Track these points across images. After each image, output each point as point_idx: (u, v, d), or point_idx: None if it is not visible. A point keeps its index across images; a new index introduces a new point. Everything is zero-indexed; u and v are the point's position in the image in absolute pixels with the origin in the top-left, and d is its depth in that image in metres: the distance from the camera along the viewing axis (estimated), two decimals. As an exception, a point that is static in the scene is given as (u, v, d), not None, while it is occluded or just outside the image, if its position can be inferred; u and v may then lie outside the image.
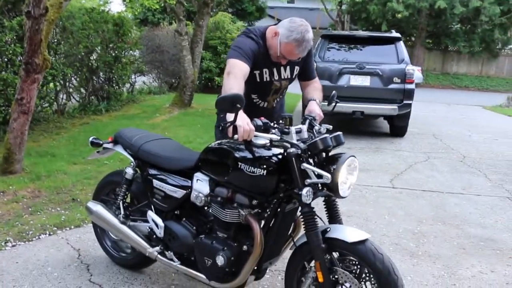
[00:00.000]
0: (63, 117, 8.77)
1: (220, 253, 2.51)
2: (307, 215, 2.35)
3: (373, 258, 2.25)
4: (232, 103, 2.19)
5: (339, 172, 2.25)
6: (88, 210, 3.30)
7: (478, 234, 4.39)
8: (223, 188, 2.56)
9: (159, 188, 2.89)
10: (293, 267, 2.53)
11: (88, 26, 8.97)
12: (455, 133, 10.10)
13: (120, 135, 3.23)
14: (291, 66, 2.93)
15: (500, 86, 26.41)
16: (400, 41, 8.81)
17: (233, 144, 2.50)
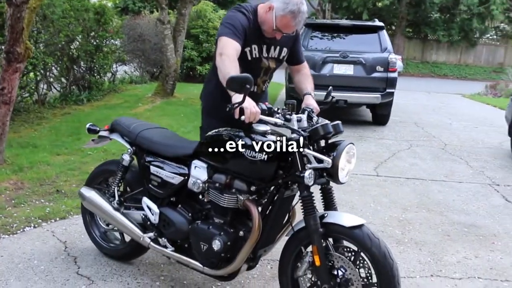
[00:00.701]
0: (44, 107, 8.61)
1: (217, 237, 2.53)
2: (306, 199, 2.39)
3: (370, 242, 2.29)
4: (242, 84, 2.23)
5: (339, 158, 2.30)
6: (81, 195, 3.28)
7: (461, 220, 4.46)
8: (222, 174, 2.59)
9: (156, 174, 2.90)
10: (289, 252, 2.55)
11: (69, 14, 8.79)
12: (436, 121, 10.22)
13: (118, 122, 3.24)
14: (280, 46, 2.93)
15: (478, 75, 26.81)
16: (383, 30, 8.86)
17: (233, 131, 2.55)
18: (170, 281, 3.12)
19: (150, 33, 13.69)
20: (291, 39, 2.97)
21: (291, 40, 2.97)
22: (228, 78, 2.27)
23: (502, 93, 15.97)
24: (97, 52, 10.08)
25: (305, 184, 2.34)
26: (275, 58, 2.98)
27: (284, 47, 2.97)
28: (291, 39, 2.97)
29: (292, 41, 2.98)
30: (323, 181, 2.44)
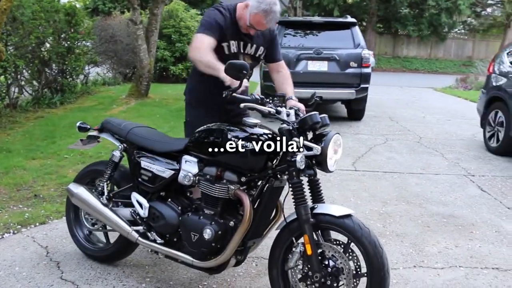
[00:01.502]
0: (16, 111, 8.46)
1: (208, 227, 2.59)
2: (297, 186, 2.45)
3: (360, 231, 2.34)
4: (239, 70, 2.40)
5: (327, 145, 2.40)
6: (69, 192, 3.26)
7: (440, 211, 4.54)
8: (212, 167, 2.66)
9: (147, 169, 2.93)
10: (280, 244, 2.59)
11: (39, 16, 8.63)
12: (410, 115, 10.38)
13: (108, 121, 3.28)
14: (257, 45, 3.09)
15: (448, 68, 27.30)
16: (355, 26, 8.93)
17: (225, 125, 2.66)
18: (156, 282, 3.10)
19: (122, 34, 13.55)
20: (268, 39, 3.14)
21: (268, 40, 3.14)
22: (226, 65, 2.41)
23: (472, 86, 16.31)
24: (69, 54, 9.92)
25: (297, 169, 2.42)
26: (251, 55, 3.12)
27: (261, 46, 3.12)
28: (268, 39, 3.14)
29: (269, 41, 3.15)
30: (311, 173, 2.49)
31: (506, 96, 6.77)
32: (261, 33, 3.06)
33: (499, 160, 6.54)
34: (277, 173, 2.56)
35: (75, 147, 3.46)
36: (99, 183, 3.22)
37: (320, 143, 2.42)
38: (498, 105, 7.02)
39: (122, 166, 3.22)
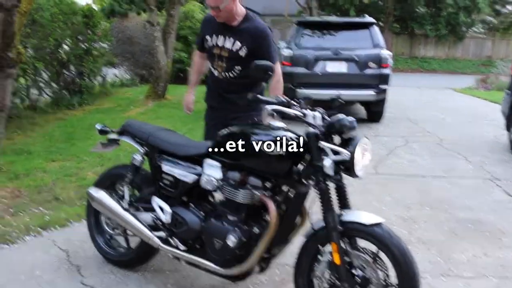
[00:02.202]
0: (36, 113, 8.50)
1: (232, 233, 2.53)
2: (324, 192, 2.39)
3: (391, 240, 2.27)
4: (265, 71, 2.48)
5: (356, 150, 2.31)
6: (89, 196, 3.22)
7: (466, 217, 4.43)
8: (236, 171, 2.61)
9: (168, 173, 2.88)
10: (307, 252, 2.52)
11: (58, 18, 8.67)
12: (429, 116, 10.21)
13: (129, 124, 3.24)
14: (234, 40, 3.23)
15: (467, 68, 26.92)
16: (374, 25, 8.83)
17: (249, 127, 2.63)
18: (178, 289, 3.05)
19: (139, 35, 13.59)
20: (256, 40, 3.21)
21: (255, 40, 3.20)
22: (252, 66, 2.52)
23: (493, 86, 16.02)
24: (87, 56, 9.96)
25: (324, 175, 2.35)
26: (228, 50, 3.25)
27: (241, 43, 3.21)
28: (255, 40, 3.20)
29: (256, 43, 3.20)
30: (337, 178, 2.42)
31: (531, 98, 6.61)
32: (249, 32, 3.19)
33: (525, 164, 6.39)
34: (303, 178, 2.49)
35: (96, 150, 3.41)
36: (120, 187, 3.19)
37: (348, 147, 2.34)
38: (523, 106, 6.86)
39: (143, 170, 3.17)
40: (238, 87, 3.32)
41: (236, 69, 3.28)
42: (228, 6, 3.10)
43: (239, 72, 3.29)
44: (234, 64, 3.27)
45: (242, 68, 3.25)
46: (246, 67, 2.93)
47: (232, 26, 3.23)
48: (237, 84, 3.34)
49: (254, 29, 3.20)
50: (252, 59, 3.05)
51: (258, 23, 3.25)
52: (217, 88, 3.47)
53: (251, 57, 3.12)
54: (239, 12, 3.22)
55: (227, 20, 3.21)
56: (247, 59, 3.16)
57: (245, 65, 3.16)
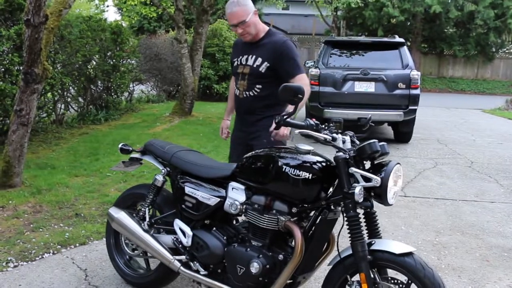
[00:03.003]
0: (61, 127, 8.57)
1: (255, 260, 2.42)
2: (354, 220, 2.28)
3: (423, 271, 2.13)
4: (294, 94, 2.29)
5: (388, 177, 2.20)
6: (109, 216, 3.16)
7: (499, 244, 4.23)
8: (261, 195, 2.51)
9: (191, 195, 2.79)
10: (333, 280, 2.40)
11: (86, 34, 8.78)
12: (459, 137, 9.97)
13: (151, 143, 3.19)
14: (256, 56, 3.23)
15: (496, 89, 26.43)
16: (404, 46, 8.69)
17: (276, 151, 2.51)
18: (197, 313, 2.94)
19: (166, 52, 13.70)
20: (275, 53, 3.16)
21: (274, 54, 3.16)
22: (281, 87, 2.33)
23: (524, 108, 15.66)
24: (114, 72, 10.04)
25: (354, 202, 2.24)
26: (250, 66, 3.24)
27: (262, 59, 3.19)
28: (275, 54, 3.16)
29: (272, 56, 3.16)
30: (368, 205, 2.30)
31: None
32: (269, 46, 3.19)
33: (560, 189, 6.13)
34: (331, 204, 2.38)
35: (117, 168, 3.35)
36: (141, 208, 3.11)
37: (379, 173, 2.23)
38: (558, 129, 6.61)
39: (165, 191, 3.11)
40: (259, 107, 3.28)
41: (257, 88, 3.24)
42: (253, 20, 3.14)
43: (259, 91, 3.24)
44: (254, 82, 3.24)
45: (262, 87, 3.23)
46: (266, 86, 2.95)
47: (254, 42, 3.25)
48: (257, 104, 3.29)
49: (274, 42, 3.19)
50: (273, 77, 3.14)
51: (278, 37, 3.25)
52: (239, 109, 3.45)
53: (273, 74, 3.17)
54: (261, 29, 3.25)
55: (253, 37, 3.22)
56: (267, 76, 3.18)
57: (265, 83, 3.18)
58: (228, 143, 3.66)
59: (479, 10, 24.36)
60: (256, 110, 3.28)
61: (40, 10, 4.02)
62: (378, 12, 24.92)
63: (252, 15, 3.12)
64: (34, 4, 3.95)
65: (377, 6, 24.41)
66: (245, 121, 3.39)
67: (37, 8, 3.99)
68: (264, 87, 3.20)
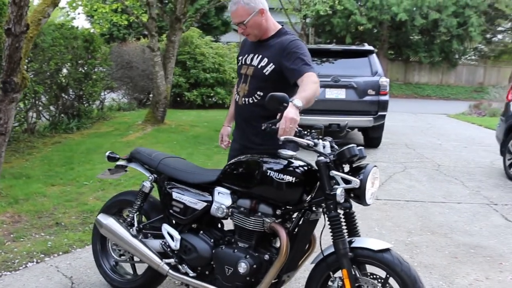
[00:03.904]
0: (33, 136, 8.51)
1: (242, 260, 2.54)
2: (335, 220, 2.41)
3: (400, 266, 2.29)
4: (280, 102, 2.38)
5: (366, 178, 2.35)
6: (98, 222, 3.22)
7: (466, 242, 4.45)
8: (246, 199, 2.63)
9: (178, 200, 2.89)
10: (316, 277, 2.54)
11: (59, 42, 8.75)
12: (426, 142, 10.31)
13: (138, 151, 3.26)
14: (262, 56, 2.94)
15: (460, 94, 27.27)
16: (373, 53, 8.96)
17: (260, 156, 2.63)
18: (184, 315, 3.04)
19: (137, 60, 13.71)
20: (278, 53, 2.86)
21: (277, 54, 2.87)
22: (268, 96, 2.41)
23: (486, 112, 16.23)
24: (86, 80, 10.02)
25: (336, 203, 2.38)
26: (254, 66, 2.95)
27: (266, 58, 2.91)
28: (278, 53, 2.87)
29: (279, 55, 2.85)
30: (347, 205, 2.45)
31: (527, 124, 6.71)
32: (277, 45, 2.89)
33: (521, 189, 6.45)
34: (313, 206, 2.52)
35: (103, 176, 3.43)
36: (129, 214, 3.19)
37: (358, 176, 2.37)
38: (518, 133, 6.95)
39: (151, 197, 3.20)
40: (257, 118, 2.94)
41: (257, 94, 2.94)
42: (256, 20, 2.87)
43: (259, 98, 2.92)
44: (256, 87, 2.94)
45: (264, 94, 2.83)
46: (268, 92, 2.54)
47: (263, 42, 2.98)
48: (256, 114, 2.97)
49: (281, 42, 2.88)
50: (277, 82, 2.86)
51: (288, 36, 2.94)
52: (237, 117, 3.16)
53: (277, 78, 2.88)
54: (271, 27, 2.97)
55: (259, 37, 2.97)
56: (271, 80, 2.89)
57: (267, 90, 2.73)
58: (201, 150, 3.61)
59: (443, 19, 25.14)
60: (254, 120, 2.94)
61: (22, 19, 4.06)
62: (346, 20, 25.44)
63: (255, 15, 2.84)
64: (16, 14, 3.98)
65: (345, 14, 24.92)
66: (242, 131, 3.11)
67: (18, 18, 4.03)
68: (265, 94, 2.65)
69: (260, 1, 2.87)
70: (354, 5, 25.03)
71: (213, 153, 7.91)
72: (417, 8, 25.24)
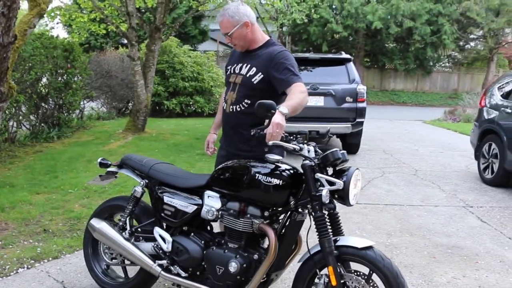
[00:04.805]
0: (14, 146, 8.49)
1: (233, 260, 2.67)
2: (321, 220, 2.55)
3: (382, 262, 2.45)
4: (268, 109, 2.52)
5: (349, 180, 2.49)
6: (91, 227, 3.30)
7: (444, 242, 4.64)
8: (236, 202, 2.77)
9: (170, 204, 3.00)
10: (303, 275, 2.68)
11: (39, 52, 8.77)
12: (403, 147, 10.57)
13: (129, 157, 3.36)
14: (250, 65, 3.05)
15: (435, 101, 27.83)
16: (350, 62, 9.18)
17: (247, 161, 2.77)
18: (176, 316, 3.13)
19: (116, 69, 13.72)
20: (266, 63, 2.96)
21: (265, 64, 2.97)
22: (256, 104, 2.55)
23: (461, 118, 16.65)
24: (66, 89, 10.02)
25: (321, 203, 2.52)
26: (242, 75, 3.06)
27: (254, 67, 3.01)
28: (266, 63, 2.97)
29: (267, 65, 2.95)
30: (331, 206, 2.58)
31: (499, 129, 6.98)
32: (263, 58, 2.99)
33: (495, 191, 6.69)
34: (299, 207, 2.65)
35: (94, 182, 3.52)
36: (120, 218, 3.28)
37: (342, 178, 2.52)
38: (491, 137, 7.22)
39: (142, 202, 3.29)
40: (244, 125, 3.05)
41: (245, 102, 3.04)
42: (240, 32, 3.00)
43: (246, 106, 3.03)
44: (243, 95, 3.04)
45: (251, 102, 2.97)
46: (255, 101, 2.64)
47: (251, 52, 3.09)
48: (243, 121, 3.06)
49: (269, 53, 2.98)
50: (264, 91, 2.95)
51: (275, 47, 3.04)
52: (224, 125, 3.25)
53: (265, 88, 2.97)
54: (258, 39, 3.08)
55: (245, 48, 3.10)
56: (258, 89, 2.99)
57: (254, 98, 2.85)
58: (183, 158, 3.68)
59: (417, 27, 25.69)
60: (241, 127, 3.07)
61: (10, 30, 4.11)
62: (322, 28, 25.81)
63: (239, 27, 2.97)
64: (4, 25, 4.04)
65: (321, 22, 25.28)
66: (229, 139, 3.21)
67: (7, 29, 4.08)
68: (253, 103, 2.78)
69: (245, 14, 3.01)
70: (330, 14, 25.45)
71: (195, 160, 8.03)
72: (392, 17, 25.78)
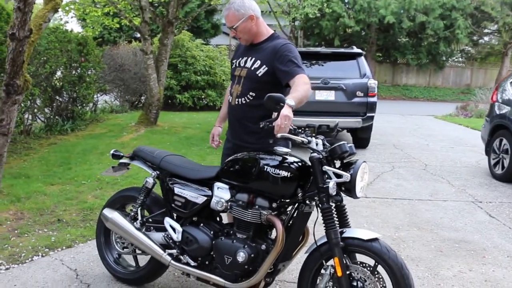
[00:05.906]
0: (29, 138, 8.64)
1: (241, 250, 2.74)
2: (327, 211, 2.61)
3: (388, 254, 2.51)
4: (277, 102, 2.55)
5: (356, 173, 2.54)
6: (103, 217, 3.39)
7: (451, 237, 4.68)
8: (244, 193, 2.83)
9: (180, 195, 3.08)
10: (310, 266, 2.74)
11: (54, 45, 8.90)
12: (413, 142, 10.57)
13: (140, 149, 3.44)
14: (255, 58, 3.11)
15: (447, 96, 27.65)
16: (361, 56, 9.20)
17: (257, 153, 2.83)
18: (185, 304, 3.23)
19: (129, 63, 13.84)
20: (270, 56, 3.03)
21: (270, 56, 3.03)
22: (266, 97, 2.57)
23: (473, 114, 16.57)
24: (80, 82, 10.16)
25: (328, 195, 2.57)
26: (247, 68, 3.13)
27: (259, 60, 3.08)
28: (270, 56, 3.03)
29: (271, 58, 3.02)
30: (338, 198, 2.65)
31: (510, 124, 6.97)
32: (268, 51, 3.06)
33: (505, 187, 6.70)
34: (307, 199, 2.72)
35: (107, 174, 3.60)
36: (132, 209, 3.37)
37: (349, 170, 2.57)
38: (502, 133, 7.21)
39: (153, 193, 3.37)
40: (249, 118, 3.12)
41: (250, 95, 3.10)
42: (245, 25, 3.07)
43: (252, 98, 3.09)
44: (248, 88, 3.10)
45: (256, 95, 3.06)
46: (260, 94, 2.76)
47: (255, 45, 3.16)
48: (248, 114, 3.13)
49: (273, 46, 3.05)
50: (269, 84, 3.01)
51: (279, 40, 3.11)
52: (230, 117, 3.33)
53: (269, 80, 3.02)
54: (262, 32, 3.15)
55: (250, 41, 3.17)
56: (263, 82, 3.04)
57: (259, 91, 3.00)
58: (194, 151, 3.76)
59: (430, 21, 25.52)
60: (247, 119, 3.14)
61: (25, 24, 4.22)
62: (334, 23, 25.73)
63: (244, 20, 3.04)
64: (20, 19, 4.15)
65: (334, 16, 25.21)
66: (234, 131, 3.28)
67: (22, 23, 4.19)
68: (258, 95, 3.01)
69: (250, 8, 3.07)
70: (342, 8, 25.36)
71: (206, 153, 8.12)
72: (405, 11, 25.64)
